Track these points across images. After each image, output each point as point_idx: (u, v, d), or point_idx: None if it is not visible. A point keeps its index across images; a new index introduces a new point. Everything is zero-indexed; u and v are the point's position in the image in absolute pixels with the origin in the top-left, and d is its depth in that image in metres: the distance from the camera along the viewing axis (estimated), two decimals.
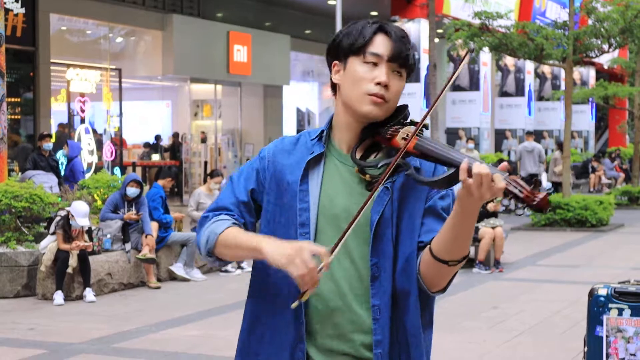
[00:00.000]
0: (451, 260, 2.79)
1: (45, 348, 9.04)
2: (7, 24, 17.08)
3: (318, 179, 2.93)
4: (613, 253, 16.36)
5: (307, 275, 2.66)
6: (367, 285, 2.87)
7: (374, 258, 2.86)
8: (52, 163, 16.19)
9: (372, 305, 2.85)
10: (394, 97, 2.90)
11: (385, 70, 2.88)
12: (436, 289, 2.90)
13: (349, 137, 2.94)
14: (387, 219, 2.86)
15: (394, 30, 2.94)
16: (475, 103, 30.84)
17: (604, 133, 48.29)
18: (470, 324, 10.11)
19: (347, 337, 2.87)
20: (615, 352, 5.67)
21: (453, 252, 2.78)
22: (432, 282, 2.87)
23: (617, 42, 20.67)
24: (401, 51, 2.90)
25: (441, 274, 2.85)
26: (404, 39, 2.92)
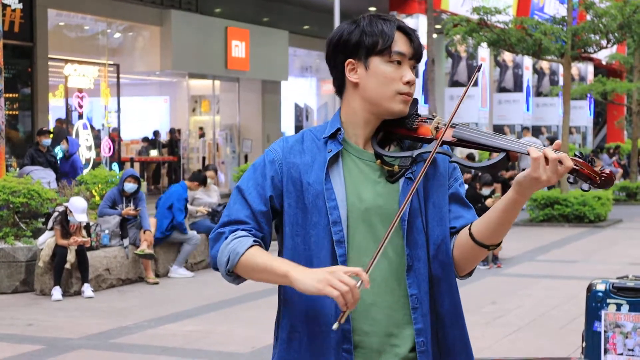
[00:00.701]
0: (492, 245, 2.92)
1: (44, 343, 9.06)
2: (4, 19, 17.07)
3: (340, 177, 2.93)
4: (611, 248, 16.41)
5: (348, 293, 2.64)
6: (400, 277, 2.89)
7: (407, 249, 2.89)
8: (50, 159, 16.20)
9: (410, 294, 2.88)
10: (413, 92, 2.98)
11: (408, 69, 2.94)
12: (464, 272, 3.02)
13: (366, 132, 2.97)
14: (415, 209, 2.91)
15: (409, 27, 3.00)
16: (474, 99, 30.85)
17: (602, 129, 48.32)
18: (469, 319, 9.91)
19: (386, 332, 2.88)
20: (613, 347, 5.68)
21: (497, 237, 2.91)
22: (464, 266, 2.99)
23: (616, 37, 20.69)
24: (420, 48, 2.98)
25: (476, 258, 2.98)
26: (417, 35, 3.01)
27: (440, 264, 2.93)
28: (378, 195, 2.90)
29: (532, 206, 20.56)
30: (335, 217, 2.88)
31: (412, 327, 2.88)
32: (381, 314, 2.88)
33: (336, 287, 2.64)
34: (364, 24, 3.01)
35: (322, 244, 2.90)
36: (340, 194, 2.91)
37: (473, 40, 20.77)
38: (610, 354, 5.69)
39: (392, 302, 2.88)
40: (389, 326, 2.88)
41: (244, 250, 2.85)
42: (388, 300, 2.88)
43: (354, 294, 2.64)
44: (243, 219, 2.95)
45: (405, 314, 2.88)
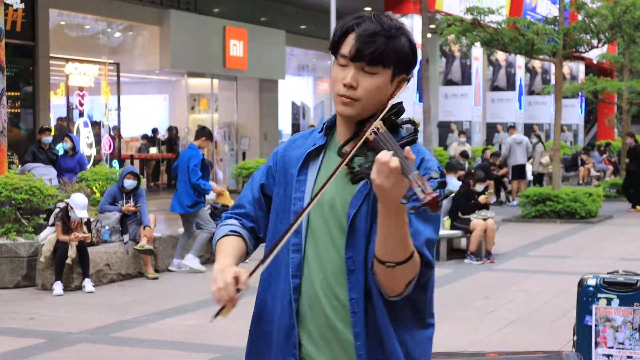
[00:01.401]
0: (388, 262, 2.71)
1: (45, 337, 9.08)
2: (7, 19, 17.11)
3: (315, 170, 2.98)
4: (602, 244, 16.45)
5: (222, 289, 2.74)
6: (341, 279, 2.88)
7: (349, 252, 2.86)
8: (52, 156, 16.27)
9: (350, 298, 2.85)
10: (365, 95, 2.86)
11: (353, 70, 2.86)
12: (392, 293, 2.81)
13: (344, 131, 2.96)
14: (362, 214, 2.86)
15: (367, 26, 2.87)
16: (467, 97, 30.92)
17: (593, 127, 48.37)
18: (462, 314, 10.18)
19: (333, 325, 2.89)
20: (603, 340, 5.75)
21: (386, 253, 2.71)
22: (384, 283, 2.79)
23: (606, 37, 20.79)
24: (361, 50, 2.84)
25: (386, 275, 2.76)
26: (375, 35, 2.85)
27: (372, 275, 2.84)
28: (337, 193, 2.90)
29: (524, 202, 20.68)
30: (297, 207, 2.95)
31: (350, 330, 2.87)
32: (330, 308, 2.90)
33: (216, 283, 2.77)
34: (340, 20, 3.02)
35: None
36: (309, 187, 2.96)
37: (467, 40, 20.85)
38: (600, 347, 5.75)
39: (336, 305, 2.89)
40: (336, 320, 2.89)
41: (219, 237, 3.07)
42: (333, 302, 2.89)
43: (228, 292, 2.74)
44: (244, 204, 3.15)
45: (344, 317, 2.88)
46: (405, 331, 2.90)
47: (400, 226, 2.67)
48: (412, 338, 2.92)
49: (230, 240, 3.06)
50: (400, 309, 2.88)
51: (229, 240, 3.06)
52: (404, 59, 2.92)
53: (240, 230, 3.10)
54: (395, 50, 2.87)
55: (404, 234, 2.68)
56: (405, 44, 2.91)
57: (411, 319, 2.92)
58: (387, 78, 2.90)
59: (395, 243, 2.69)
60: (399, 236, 2.68)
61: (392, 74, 2.91)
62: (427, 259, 2.80)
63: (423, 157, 2.90)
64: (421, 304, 2.94)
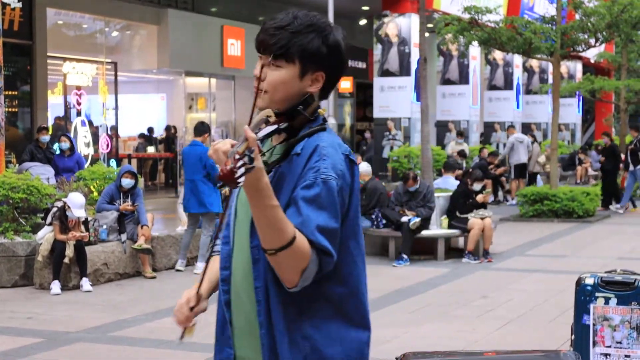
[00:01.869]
0: (268, 250, 2.69)
1: (43, 337, 9.10)
2: (4, 18, 17.09)
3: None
4: (599, 243, 16.48)
5: (177, 311, 2.96)
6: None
7: (254, 240, 2.84)
8: (49, 155, 16.29)
9: (255, 287, 2.86)
10: (271, 87, 2.87)
11: (260, 63, 2.90)
12: (289, 284, 2.76)
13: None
14: None
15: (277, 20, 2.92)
16: (465, 96, 30.93)
17: (591, 126, 48.40)
18: (460, 313, 10.23)
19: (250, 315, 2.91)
20: (601, 340, 5.72)
21: (264, 241, 2.69)
22: (279, 275, 2.76)
23: (604, 36, 20.84)
24: (261, 42, 2.90)
25: (275, 265, 2.74)
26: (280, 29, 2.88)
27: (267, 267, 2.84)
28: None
29: (522, 202, 20.71)
30: (230, 201, 3.02)
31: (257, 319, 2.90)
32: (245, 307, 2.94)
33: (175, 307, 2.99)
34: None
35: None
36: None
37: (464, 39, 20.90)
38: (598, 346, 5.73)
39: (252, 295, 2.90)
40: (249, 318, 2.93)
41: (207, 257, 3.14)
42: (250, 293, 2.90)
43: (182, 312, 2.95)
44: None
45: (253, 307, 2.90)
46: (313, 326, 2.85)
47: (263, 210, 2.63)
48: (322, 334, 2.86)
49: (213, 261, 3.13)
50: (310, 301, 2.84)
51: (211, 261, 3.12)
52: (313, 55, 2.88)
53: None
54: (299, 45, 2.85)
55: (271, 218, 2.64)
56: (315, 41, 2.88)
57: (327, 315, 2.87)
58: (294, 73, 2.88)
59: (265, 228, 2.66)
60: (266, 221, 2.64)
61: (301, 69, 2.88)
62: (320, 245, 2.72)
63: (317, 144, 2.84)
64: (340, 299, 2.89)
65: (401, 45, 26.43)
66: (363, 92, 34.41)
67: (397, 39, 26.47)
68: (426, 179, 16.47)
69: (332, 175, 2.76)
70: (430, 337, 8.94)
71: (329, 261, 2.77)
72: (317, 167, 2.77)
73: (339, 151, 2.86)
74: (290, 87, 2.87)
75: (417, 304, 10.83)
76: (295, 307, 2.82)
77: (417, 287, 12.02)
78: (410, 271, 13.38)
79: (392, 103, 26.63)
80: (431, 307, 10.62)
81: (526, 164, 24.88)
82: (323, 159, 2.78)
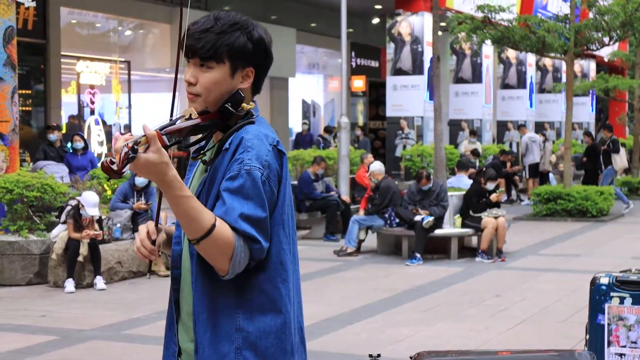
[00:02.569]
0: (191, 240, 2.76)
1: (57, 334, 9.13)
2: (18, 17, 17.18)
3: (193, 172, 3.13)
4: (614, 242, 16.43)
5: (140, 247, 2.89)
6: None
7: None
8: (63, 154, 16.36)
9: (192, 281, 2.93)
10: (204, 90, 2.95)
11: (191, 68, 2.97)
12: (222, 273, 2.81)
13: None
14: (202, 192, 2.92)
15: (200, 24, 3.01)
16: (478, 95, 30.87)
17: (604, 125, 48.32)
18: (473, 312, 10.23)
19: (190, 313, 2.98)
20: (616, 339, 5.74)
21: (186, 231, 2.76)
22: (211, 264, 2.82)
23: (618, 35, 20.76)
24: (192, 46, 2.95)
25: (203, 254, 2.81)
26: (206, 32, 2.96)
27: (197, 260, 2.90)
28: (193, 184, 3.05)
29: (536, 201, 20.67)
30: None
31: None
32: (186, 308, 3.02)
33: (135, 243, 2.93)
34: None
35: None
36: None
37: (477, 38, 20.86)
38: (613, 346, 5.74)
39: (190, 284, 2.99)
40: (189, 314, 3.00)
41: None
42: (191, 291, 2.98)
43: (144, 245, 2.88)
44: None
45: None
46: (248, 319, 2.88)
47: (176, 201, 2.71)
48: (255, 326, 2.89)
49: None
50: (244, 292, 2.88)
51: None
52: (241, 53, 2.96)
53: None
54: (227, 45, 2.93)
55: (186, 208, 2.71)
56: (241, 38, 2.96)
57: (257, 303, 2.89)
58: (225, 72, 2.96)
59: (183, 219, 2.73)
60: (182, 211, 2.71)
61: (231, 67, 2.96)
62: (245, 232, 2.77)
63: (242, 137, 2.90)
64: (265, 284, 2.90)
65: (414, 44, 26.40)
66: (376, 90, 34.39)
67: (410, 37, 26.44)
68: (439, 177, 16.46)
69: (256, 166, 2.82)
70: (443, 336, 8.94)
71: (257, 248, 2.80)
72: (241, 158, 2.82)
73: (265, 142, 2.90)
74: (222, 87, 2.95)
75: (430, 303, 10.83)
76: (229, 299, 2.87)
77: (430, 286, 12.02)
78: (424, 270, 13.37)
79: (405, 102, 26.61)
80: (444, 306, 10.62)
81: (538, 163, 24.84)
82: (247, 151, 2.83)
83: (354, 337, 8.96)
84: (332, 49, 30.71)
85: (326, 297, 11.03)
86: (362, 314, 10.12)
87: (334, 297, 11.17)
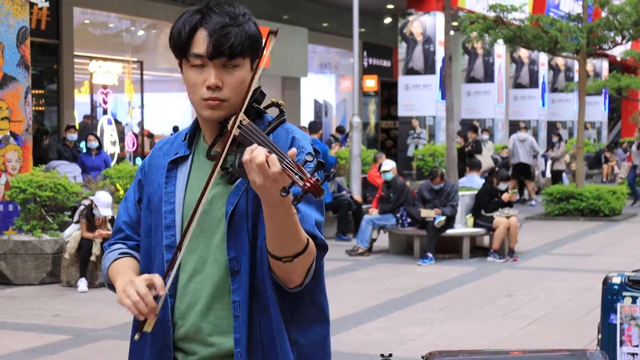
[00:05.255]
0: (284, 257, 2.57)
1: (70, 334, 9.17)
2: (31, 18, 17.22)
3: (184, 179, 2.80)
4: (626, 242, 16.40)
5: (139, 302, 2.54)
6: (228, 282, 2.71)
7: (231, 252, 2.69)
8: (76, 153, 16.42)
9: (232, 301, 2.69)
10: (232, 93, 2.68)
11: (214, 70, 2.67)
12: (291, 285, 2.66)
13: (208, 132, 2.79)
14: (241, 210, 2.68)
15: (215, 18, 2.68)
16: (490, 94, 30.84)
17: (617, 124, 48.17)
18: (485, 311, 10.24)
19: (209, 342, 2.74)
20: (629, 339, 5.72)
21: (280, 249, 2.57)
22: (283, 278, 2.65)
23: (630, 34, 20.72)
24: (220, 46, 2.64)
25: (284, 270, 2.62)
26: (226, 27, 2.66)
27: (263, 273, 2.68)
28: (212, 197, 2.72)
29: (548, 200, 20.65)
30: (169, 221, 2.77)
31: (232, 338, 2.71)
32: (205, 322, 2.73)
33: (129, 296, 2.54)
34: (179, 18, 2.77)
35: (159, 248, 2.77)
36: (180, 198, 2.77)
37: (489, 37, 20.85)
38: (625, 345, 5.72)
39: (219, 309, 2.72)
40: (213, 334, 2.74)
41: (108, 264, 2.85)
42: (215, 308, 2.72)
43: (147, 303, 2.54)
44: (121, 226, 2.92)
45: (228, 322, 2.72)
46: (299, 331, 2.77)
47: (290, 218, 2.51)
48: (307, 338, 2.80)
49: (123, 261, 2.85)
50: (296, 305, 2.75)
51: (122, 262, 2.85)
52: (258, 43, 2.74)
53: (129, 250, 2.90)
54: (249, 37, 2.69)
55: (294, 225, 2.53)
56: (254, 27, 2.74)
57: (312, 317, 2.81)
58: (248, 67, 2.72)
59: (288, 237, 2.54)
60: (291, 228, 2.53)
61: (250, 61, 2.74)
62: (321, 241, 2.67)
63: (294, 137, 2.74)
64: (316, 293, 2.81)
65: (426, 44, 26.39)
66: (388, 90, 34.37)
67: (422, 37, 26.43)
68: (451, 177, 16.46)
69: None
70: (455, 336, 8.94)
71: (322, 256, 2.72)
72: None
73: (308, 141, 2.78)
74: (244, 85, 2.71)
75: (442, 302, 10.84)
76: (282, 315, 2.71)
77: (442, 285, 12.02)
78: (435, 270, 13.38)
79: (417, 101, 26.60)
80: (456, 306, 10.62)
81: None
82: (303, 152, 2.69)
83: (365, 337, 8.98)
84: (344, 49, 30.71)
85: (338, 296, 11.05)
86: (374, 313, 10.13)
87: (345, 296, 11.19)
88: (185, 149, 2.82)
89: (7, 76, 12.83)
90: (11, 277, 12.05)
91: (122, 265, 2.82)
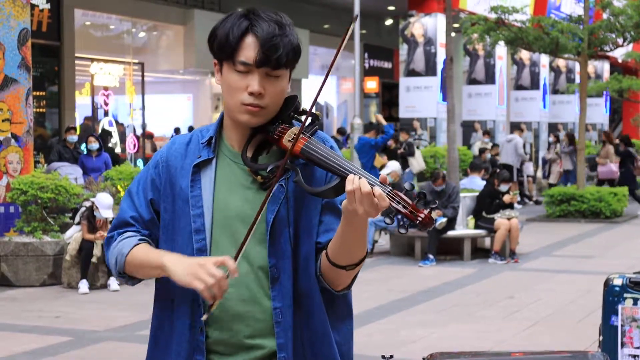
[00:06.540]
0: (348, 265, 2.66)
1: (71, 335, 9.16)
2: (32, 19, 17.25)
3: (211, 182, 2.77)
4: (627, 244, 16.39)
5: (215, 285, 2.55)
6: (267, 288, 2.72)
7: (272, 259, 2.70)
8: (77, 155, 16.42)
9: (273, 308, 2.70)
10: (272, 101, 2.71)
11: (258, 77, 2.68)
12: (341, 287, 2.74)
13: (238, 136, 2.79)
14: (282, 218, 2.70)
15: (265, 27, 2.68)
16: (491, 96, 30.85)
17: (618, 126, 48.16)
18: (486, 313, 10.23)
19: (247, 345, 2.73)
20: (630, 341, 5.70)
21: (348, 258, 2.65)
22: (335, 282, 2.72)
23: (632, 36, 20.74)
24: (269, 56, 2.66)
25: (342, 276, 2.70)
26: (276, 38, 2.68)
27: (307, 279, 2.72)
28: (246, 202, 2.72)
29: (549, 202, 20.64)
30: (198, 225, 2.75)
31: (274, 341, 2.71)
32: (242, 325, 2.72)
33: (203, 279, 2.55)
34: (225, 20, 2.78)
35: (185, 251, 2.73)
36: (208, 201, 2.75)
37: (490, 39, 20.86)
38: (627, 347, 5.70)
39: (256, 313, 2.72)
40: (249, 338, 2.73)
41: (128, 250, 2.78)
42: (251, 312, 2.72)
43: (220, 286, 2.56)
44: (129, 221, 2.85)
45: (267, 327, 2.72)
46: (336, 330, 2.80)
47: (362, 234, 2.63)
48: (344, 330, 2.85)
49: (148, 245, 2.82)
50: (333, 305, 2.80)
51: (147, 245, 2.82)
52: (299, 54, 2.77)
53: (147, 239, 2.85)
54: (293, 48, 2.72)
55: (363, 239, 2.65)
56: (297, 38, 2.76)
57: (344, 315, 2.86)
58: (287, 77, 2.76)
59: (358, 247, 2.65)
60: (360, 243, 2.65)
61: (290, 71, 2.78)
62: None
63: (332, 146, 2.76)
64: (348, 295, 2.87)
65: (427, 45, 26.41)
66: (389, 92, 34.39)
67: (423, 38, 26.45)
68: (452, 179, 16.46)
69: None
70: (456, 338, 8.94)
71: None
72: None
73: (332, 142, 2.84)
74: (284, 94, 2.77)
75: (443, 304, 10.83)
76: (321, 318, 2.76)
77: (443, 287, 12.02)
78: (437, 271, 13.37)
79: (418, 103, 26.62)
80: (457, 308, 10.62)
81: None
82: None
83: (367, 339, 8.97)
84: (345, 50, 30.72)
85: None
86: (376, 315, 10.13)
87: None
88: (209, 151, 2.81)
89: (8, 78, 12.84)
90: (12, 278, 12.05)
91: (151, 248, 2.80)
